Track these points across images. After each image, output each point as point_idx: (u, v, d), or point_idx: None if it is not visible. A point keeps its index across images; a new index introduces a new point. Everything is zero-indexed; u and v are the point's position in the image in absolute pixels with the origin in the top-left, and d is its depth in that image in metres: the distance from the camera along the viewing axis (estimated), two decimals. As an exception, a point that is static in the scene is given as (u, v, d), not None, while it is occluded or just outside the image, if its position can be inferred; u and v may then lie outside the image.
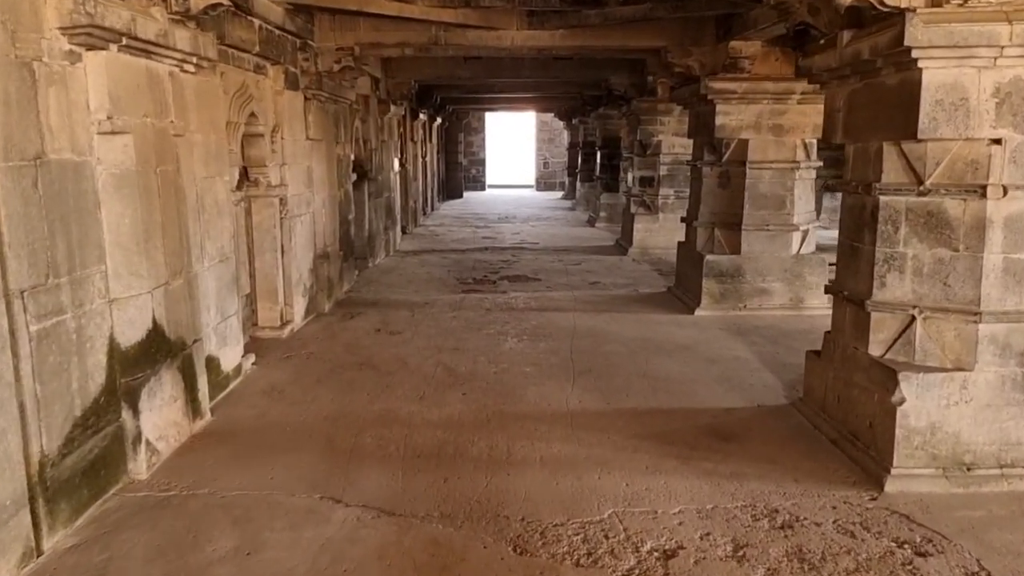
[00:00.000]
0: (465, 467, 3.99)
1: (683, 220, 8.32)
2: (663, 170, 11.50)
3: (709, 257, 7.49)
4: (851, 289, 4.19)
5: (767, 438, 4.37)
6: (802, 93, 7.14)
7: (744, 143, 7.34)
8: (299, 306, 6.96)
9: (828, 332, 4.55)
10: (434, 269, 10.37)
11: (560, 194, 25.65)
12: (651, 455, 4.12)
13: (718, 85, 7.15)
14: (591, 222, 16.18)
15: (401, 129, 13.80)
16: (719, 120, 7.31)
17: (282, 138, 6.55)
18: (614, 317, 7.37)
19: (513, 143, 33.17)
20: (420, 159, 16.69)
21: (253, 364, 5.67)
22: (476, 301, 8.19)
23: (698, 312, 7.45)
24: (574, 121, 20.77)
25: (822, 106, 7.27)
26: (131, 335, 3.83)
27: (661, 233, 11.57)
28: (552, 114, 24.46)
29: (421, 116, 15.56)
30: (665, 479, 3.84)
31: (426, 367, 5.76)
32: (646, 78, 10.70)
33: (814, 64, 4.39)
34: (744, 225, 7.40)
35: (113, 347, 3.72)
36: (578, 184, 20.51)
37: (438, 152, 22.12)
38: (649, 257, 11.30)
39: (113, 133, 3.66)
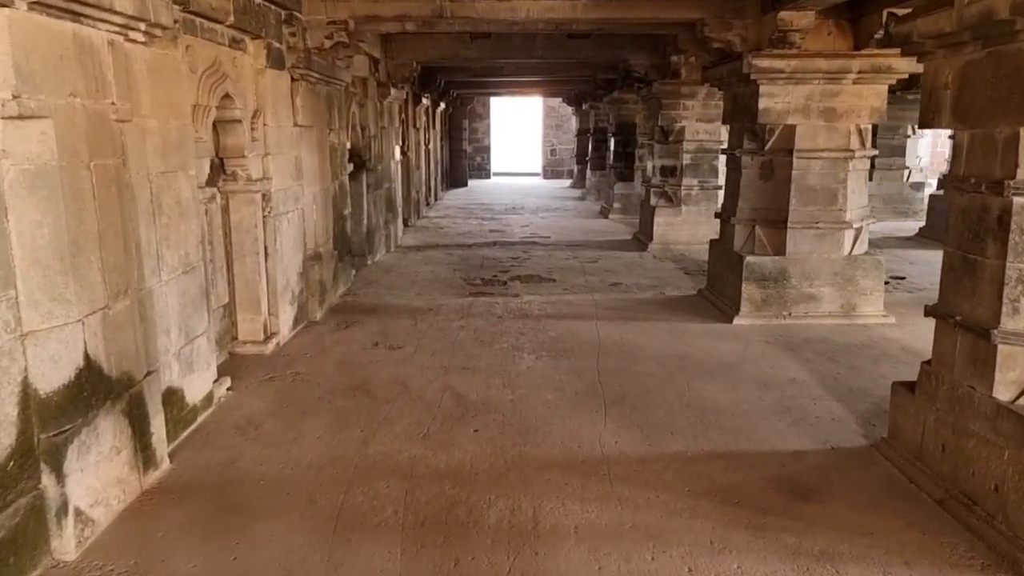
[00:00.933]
0: (481, 540, 3.15)
1: (717, 215, 7.45)
2: (686, 158, 10.61)
3: (750, 259, 6.63)
4: (966, 313, 3.34)
5: (854, 496, 3.53)
6: (859, 72, 6.26)
7: (791, 129, 6.46)
8: (286, 315, 6.13)
9: (927, 363, 3.69)
10: (439, 267, 9.52)
11: (568, 182, 24.74)
12: (714, 522, 3.29)
13: (763, 63, 6.26)
14: (604, 213, 15.30)
15: (402, 115, 12.92)
16: (763, 103, 6.43)
17: (265, 124, 5.69)
18: (643, 327, 6.52)
19: (519, 130, 32.24)
20: (423, 146, 15.81)
21: (228, 390, 4.84)
22: (486, 306, 7.34)
23: (737, 321, 6.60)
24: (584, 106, 19.85)
25: (881, 87, 6.48)
26: (54, 377, 2.99)
27: (684, 227, 10.71)
28: (560, 99, 23.53)
29: (424, 101, 14.66)
30: (738, 561, 3.00)
31: (430, 392, 4.92)
32: (668, 59, 9.80)
33: (916, 30, 3.51)
34: (790, 222, 6.53)
35: (28, 395, 2.88)
36: (588, 173, 19.61)
37: (441, 139, 21.23)
38: (672, 253, 10.43)
39: (22, 118, 2.80)
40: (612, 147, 15.24)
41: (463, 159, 24.29)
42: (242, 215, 5.61)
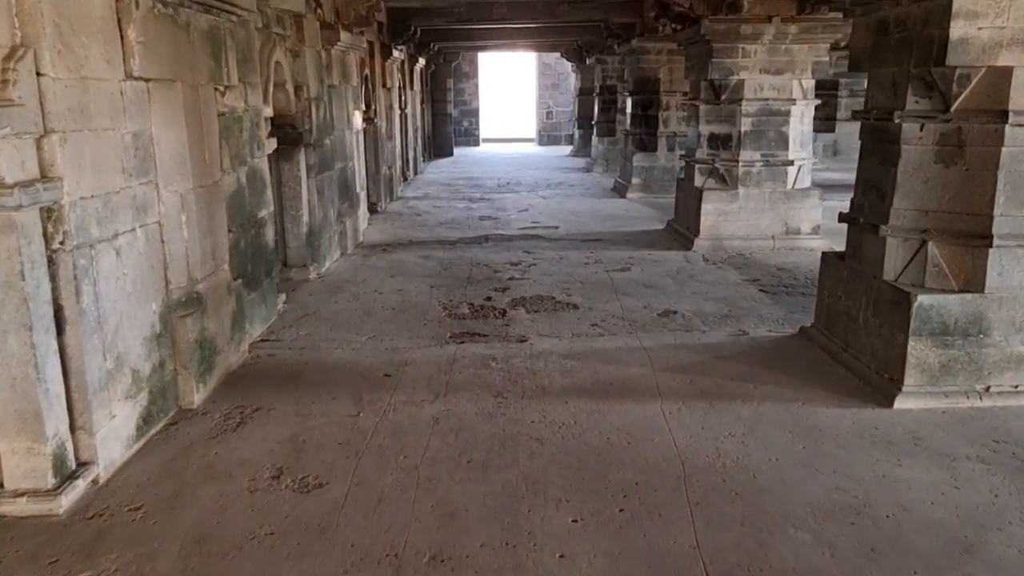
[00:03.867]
0: None
1: (842, 218, 4.70)
2: (746, 124, 7.83)
3: (924, 298, 3.91)
4: None
5: None
6: None
7: (1001, 75, 3.72)
8: (118, 423, 3.40)
9: None
10: (410, 282, 6.77)
11: (568, 150, 21.88)
12: None
13: (970, -46, 3.50)
14: (620, 191, 12.52)
15: (366, 70, 10.06)
16: (958, 28, 3.68)
17: (39, 73, 2.92)
18: (744, 419, 3.82)
19: (511, 90, 29.22)
20: (397, 111, 12.94)
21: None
22: (476, 365, 4.63)
23: (901, 403, 3.92)
24: (589, 60, 16.93)
25: None
26: None
27: (741, 216, 7.98)
28: (559, 54, 20.57)
29: (395, 54, 11.76)
30: None
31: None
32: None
33: None
34: (998, 237, 3.82)
35: None
36: (595, 139, 16.77)
37: (422, 102, 18.32)
38: (727, 254, 7.71)
39: None
40: (629, 109, 12.41)
41: (448, 124, 21.37)
42: (-8, 255, 2.85)
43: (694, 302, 6.02)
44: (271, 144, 5.80)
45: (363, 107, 9.73)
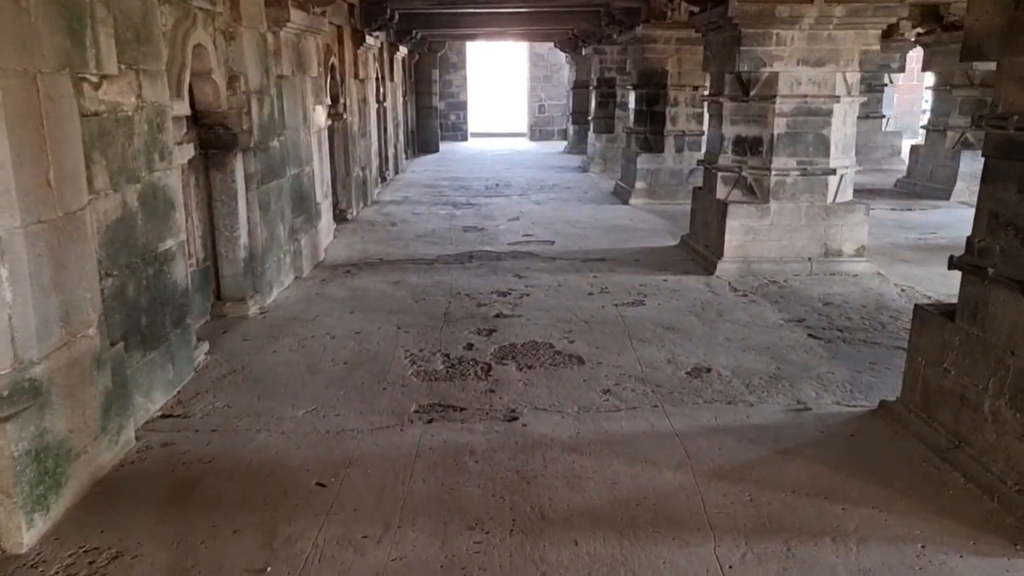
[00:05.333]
0: None
1: (955, 265, 3.39)
2: (780, 125, 6.53)
3: (1110, 398, 2.64)
4: None
5: None
6: None
7: None
8: None
9: None
10: (372, 320, 5.45)
11: (561, 145, 20.56)
12: None
13: None
14: (622, 196, 11.21)
15: (333, 59, 8.72)
16: None
17: None
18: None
19: (501, 82, 27.84)
20: (374, 105, 11.59)
21: None
22: (446, 467, 3.32)
23: (1073, 552, 2.65)
24: (585, 51, 15.59)
25: None
26: None
27: (773, 235, 6.70)
28: (552, 44, 19.23)
29: (370, 41, 10.40)
30: None
31: None
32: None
33: None
34: None
35: None
36: (591, 136, 15.44)
37: (405, 94, 16.96)
38: (757, 279, 6.44)
39: None
40: (632, 105, 11.09)
41: (434, 118, 20.00)
42: None
43: (730, 353, 4.73)
44: (184, 152, 4.47)
45: (327, 101, 8.38)
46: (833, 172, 6.62)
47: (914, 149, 11.95)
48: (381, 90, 12.69)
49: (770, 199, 6.64)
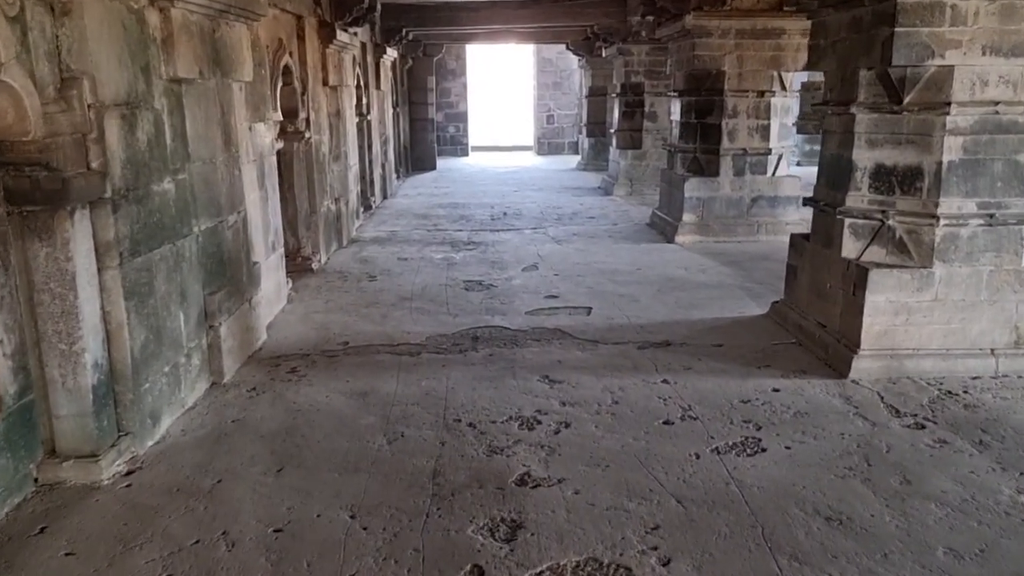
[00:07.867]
0: None
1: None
2: (953, 149, 4.23)
3: None
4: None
5: None
6: None
7: None
8: None
9: None
10: (311, 495, 3.15)
11: (573, 161, 18.31)
12: None
13: None
14: (662, 231, 8.92)
15: (286, 58, 6.45)
16: None
17: None
18: None
19: (505, 90, 25.63)
20: (352, 118, 9.33)
21: None
22: None
23: None
24: (606, 52, 13.32)
25: None
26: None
27: (939, 316, 4.39)
28: (563, 46, 17.01)
29: (344, 38, 8.13)
30: None
31: None
32: None
33: None
34: None
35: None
36: (614, 152, 13.17)
37: (397, 104, 14.72)
38: (923, 392, 4.12)
39: None
40: (677, 116, 8.81)
41: (430, 132, 17.75)
42: None
43: (984, 607, 2.44)
44: None
45: (277, 116, 6.12)
46: (1031, 218, 4.33)
47: None
48: (363, 100, 10.44)
49: (934, 260, 4.34)
